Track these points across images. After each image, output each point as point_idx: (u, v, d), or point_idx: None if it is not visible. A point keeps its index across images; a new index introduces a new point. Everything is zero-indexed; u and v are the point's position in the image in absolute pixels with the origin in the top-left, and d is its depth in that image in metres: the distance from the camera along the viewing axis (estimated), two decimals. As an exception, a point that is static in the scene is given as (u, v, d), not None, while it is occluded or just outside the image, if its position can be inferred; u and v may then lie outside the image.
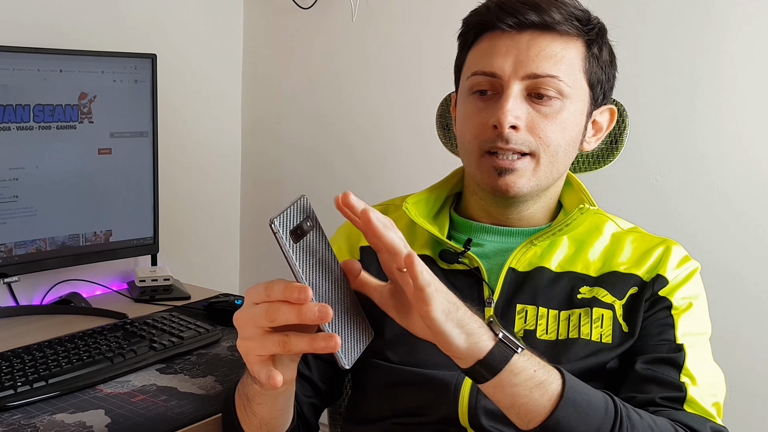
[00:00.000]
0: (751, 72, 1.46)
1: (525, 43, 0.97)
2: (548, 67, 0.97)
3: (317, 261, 0.71)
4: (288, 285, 0.69)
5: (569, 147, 1.01)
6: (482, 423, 0.93)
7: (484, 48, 1.00)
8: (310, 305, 0.68)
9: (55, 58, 1.48)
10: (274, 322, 0.70)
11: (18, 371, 1.15)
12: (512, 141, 0.97)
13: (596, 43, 1.01)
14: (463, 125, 1.03)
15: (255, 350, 0.73)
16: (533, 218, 1.06)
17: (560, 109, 0.98)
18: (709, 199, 1.52)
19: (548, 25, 0.97)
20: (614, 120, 1.08)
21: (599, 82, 1.03)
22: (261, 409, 0.87)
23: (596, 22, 1.02)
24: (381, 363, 1.01)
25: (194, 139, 1.97)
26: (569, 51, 0.99)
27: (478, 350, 0.76)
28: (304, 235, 0.69)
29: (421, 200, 1.09)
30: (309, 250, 0.70)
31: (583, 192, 1.06)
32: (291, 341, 0.70)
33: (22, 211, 1.46)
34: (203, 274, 1.99)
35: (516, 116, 0.96)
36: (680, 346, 0.95)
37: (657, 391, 0.92)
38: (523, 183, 0.99)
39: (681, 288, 1.00)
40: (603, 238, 1.05)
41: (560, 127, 0.98)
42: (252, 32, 2.08)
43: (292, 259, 0.68)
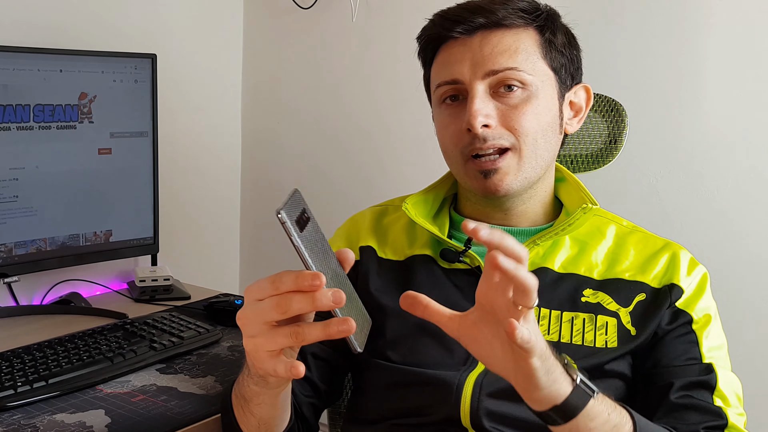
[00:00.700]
0: (751, 72, 1.46)
1: (477, 44, 1.00)
2: (504, 61, 0.98)
3: (319, 250, 0.71)
4: (300, 274, 0.69)
5: (547, 133, 1.01)
6: (484, 424, 0.93)
7: (443, 59, 1.03)
8: (323, 291, 0.68)
9: (55, 58, 1.48)
10: (286, 313, 0.70)
11: (18, 371, 1.15)
12: (489, 138, 0.98)
13: (548, 29, 1.03)
14: (441, 135, 1.05)
15: (264, 346, 0.72)
16: (532, 216, 1.06)
17: (527, 98, 0.99)
18: (709, 200, 1.52)
19: (495, 23, 0.99)
20: (591, 97, 1.09)
21: (562, 65, 1.04)
22: (260, 409, 0.87)
23: (543, 9, 1.04)
24: (382, 363, 1.01)
25: (194, 139, 1.97)
26: (522, 41, 1.00)
27: (557, 395, 0.76)
28: (305, 225, 0.70)
29: (420, 201, 1.10)
30: (311, 239, 0.70)
31: (583, 191, 1.06)
32: (304, 331, 0.70)
33: (22, 211, 1.46)
34: (203, 274, 1.99)
35: (485, 114, 0.98)
36: (710, 366, 0.96)
37: (698, 419, 0.93)
38: (510, 180, 1.00)
39: (699, 301, 1.00)
40: (606, 240, 1.05)
41: (532, 115, 0.99)
42: (252, 32, 2.08)
43: (301, 248, 0.68)
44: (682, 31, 1.51)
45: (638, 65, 1.56)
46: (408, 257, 1.07)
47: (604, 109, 1.27)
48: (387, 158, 1.90)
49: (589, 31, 1.58)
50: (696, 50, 1.51)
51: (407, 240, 1.09)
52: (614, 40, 1.58)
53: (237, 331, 1.44)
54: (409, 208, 1.06)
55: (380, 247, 1.10)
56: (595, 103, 1.28)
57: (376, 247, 1.10)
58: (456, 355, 0.98)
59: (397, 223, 1.10)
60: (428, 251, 1.06)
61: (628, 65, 1.57)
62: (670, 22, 1.52)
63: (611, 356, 0.96)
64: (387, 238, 1.11)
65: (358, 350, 0.71)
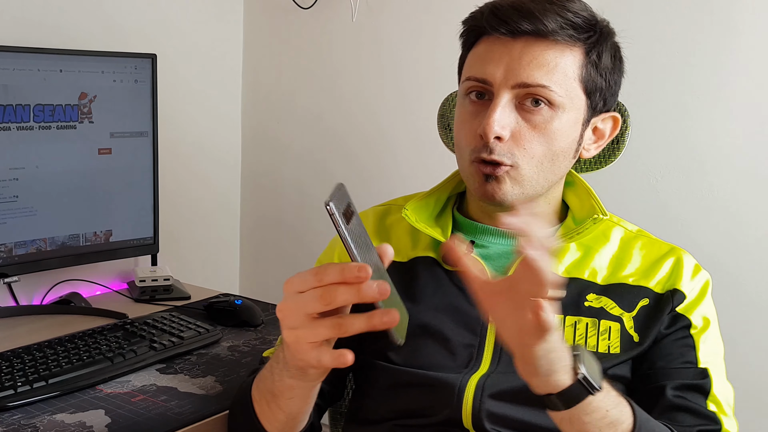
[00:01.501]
0: (751, 73, 1.46)
1: (518, 51, 0.95)
2: (539, 77, 0.95)
3: (364, 243, 0.72)
4: (346, 266, 0.69)
5: (558, 157, 0.99)
6: (485, 426, 0.93)
7: (481, 52, 0.99)
8: (369, 283, 0.68)
9: (55, 58, 1.48)
10: (330, 304, 0.70)
11: (18, 371, 1.15)
12: (496, 152, 0.96)
13: (596, 50, 0.98)
14: (458, 129, 1.03)
15: (306, 338, 0.72)
16: None
17: (550, 119, 0.96)
18: (710, 200, 1.52)
19: (542, 33, 0.95)
20: (617, 128, 1.06)
21: (598, 89, 1.00)
22: (291, 403, 0.87)
23: (600, 27, 0.99)
24: (384, 364, 1.01)
25: (194, 139, 1.97)
26: (564, 59, 0.96)
27: (555, 386, 0.77)
28: (350, 218, 0.71)
29: (421, 205, 1.08)
30: (356, 232, 0.71)
31: (594, 199, 1.04)
32: (347, 322, 0.70)
33: (22, 211, 1.46)
34: (203, 274, 1.99)
35: (502, 126, 0.95)
36: (705, 371, 0.96)
37: (693, 422, 0.93)
38: (506, 190, 0.98)
39: (699, 306, 1.00)
40: (611, 244, 1.04)
41: (547, 138, 0.97)
42: (252, 32, 2.08)
43: (348, 240, 0.69)
44: (683, 31, 1.51)
45: (638, 65, 1.55)
46: (411, 259, 1.07)
47: (605, 109, 1.26)
48: (387, 158, 1.90)
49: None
50: (696, 50, 1.51)
51: (410, 241, 1.08)
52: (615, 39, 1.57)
53: (237, 332, 1.44)
54: (409, 214, 1.05)
55: None
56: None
57: None
58: (458, 357, 0.98)
59: (400, 224, 1.09)
60: (431, 253, 1.06)
61: (629, 65, 1.56)
62: (671, 22, 1.52)
63: (614, 362, 0.96)
64: (390, 239, 1.10)
65: (400, 342, 0.72)
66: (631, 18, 1.56)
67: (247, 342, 1.39)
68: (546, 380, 0.77)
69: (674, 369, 0.96)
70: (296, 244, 2.06)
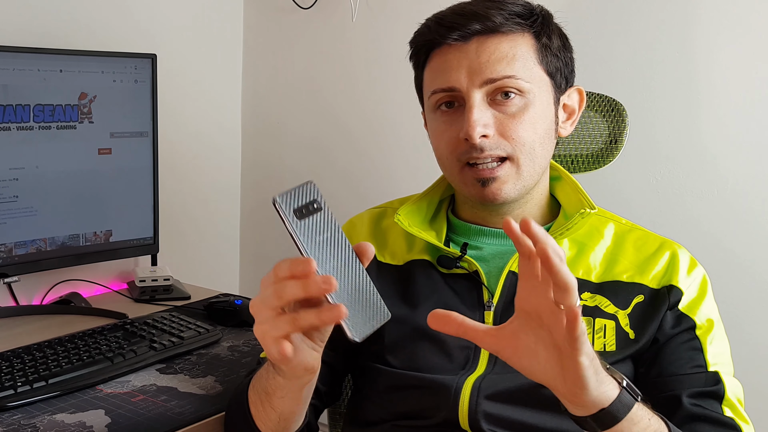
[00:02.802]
0: (753, 69, 1.46)
1: (474, 51, 0.98)
2: (502, 69, 0.97)
3: (324, 240, 0.72)
4: (293, 260, 0.71)
5: (545, 140, 1.01)
6: (482, 426, 0.93)
7: (437, 65, 1.01)
8: (314, 277, 0.69)
9: (55, 58, 1.48)
10: (282, 298, 0.71)
11: (18, 371, 1.15)
12: (487, 148, 0.97)
13: (544, 33, 1.01)
14: (437, 142, 1.04)
15: (269, 332, 0.74)
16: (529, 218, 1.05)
17: (525, 106, 0.98)
18: (710, 199, 1.52)
19: (491, 29, 0.98)
20: (584, 99, 1.08)
21: (557, 69, 1.03)
22: (282, 402, 0.87)
23: (539, 12, 1.02)
24: (382, 367, 1.01)
25: (194, 139, 1.97)
26: (519, 47, 0.99)
27: (605, 398, 0.75)
28: (309, 215, 0.72)
29: (413, 209, 1.09)
30: (316, 229, 0.72)
31: (582, 193, 1.05)
32: (300, 316, 0.72)
33: (22, 211, 1.46)
34: (203, 274, 1.99)
35: (484, 124, 0.96)
36: (716, 375, 0.96)
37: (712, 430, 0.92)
38: (509, 188, 0.99)
39: (701, 305, 1.00)
40: (604, 240, 1.05)
41: (529, 124, 0.98)
42: (252, 32, 2.08)
43: (294, 234, 0.71)
44: (683, 30, 1.51)
45: (639, 65, 1.56)
46: (407, 262, 1.07)
47: (605, 109, 1.27)
48: (387, 158, 1.90)
49: (589, 31, 1.59)
50: (697, 50, 1.51)
51: (406, 244, 1.08)
52: (614, 39, 1.58)
53: (237, 332, 1.44)
54: (401, 219, 1.06)
55: (380, 251, 1.09)
56: (596, 103, 1.28)
57: (375, 250, 1.09)
58: (455, 359, 0.98)
59: (395, 227, 1.09)
60: (426, 256, 1.06)
61: (629, 65, 1.57)
62: (671, 21, 1.52)
63: (610, 360, 0.96)
64: (386, 242, 1.10)
65: (355, 339, 0.72)
66: (632, 17, 1.56)
67: (247, 342, 1.39)
68: (597, 394, 0.74)
69: (686, 375, 0.96)
70: (296, 244, 2.05)
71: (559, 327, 0.70)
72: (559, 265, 0.67)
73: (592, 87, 1.32)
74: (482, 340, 0.76)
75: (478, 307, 1.01)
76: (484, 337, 0.75)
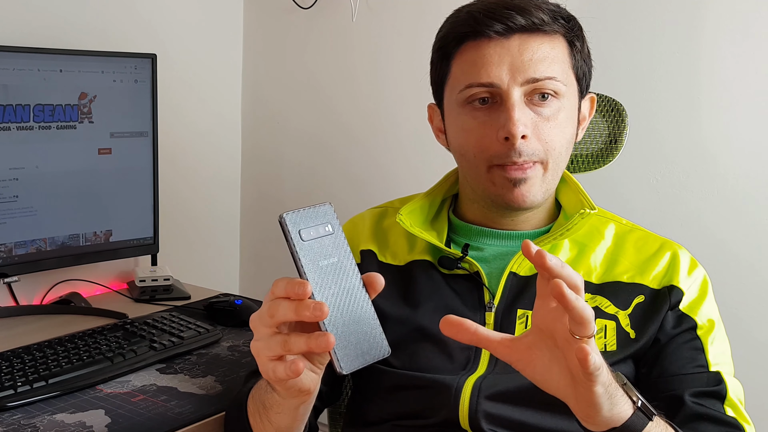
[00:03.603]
0: (754, 70, 1.46)
1: (516, 48, 0.96)
2: (544, 69, 0.96)
3: (329, 265, 0.71)
4: (290, 280, 0.69)
5: (569, 145, 1.01)
6: (483, 426, 0.93)
7: (473, 58, 0.98)
8: (306, 301, 0.68)
9: (55, 58, 1.48)
10: (273, 317, 0.70)
11: (18, 371, 1.15)
12: (524, 153, 0.95)
13: (576, 37, 1.01)
14: (463, 139, 1.00)
15: (263, 351, 0.73)
16: (534, 221, 1.06)
17: (559, 109, 0.98)
18: (710, 199, 1.52)
19: (536, 27, 0.96)
20: (594, 107, 1.08)
21: (584, 75, 1.03)
22: (279, 418, 0.86)
23: (572, 16, 1.02)
24: (382, 368, 1.01)
25: (194, 139, 1.97)
26: (557, 50, 0.98)
27: (618, 419, 0.75)
28: (317, 237, 0.70)
29: (415, 209, 1.08)
30: (320, 252, 0.70)
31: (582, 194, 1.05)
32: (291, 340, 0.70)
33: (22, 211, 1.46)
34: (203, 274, 1.99)
35: (524, 124, 0.95)
36: (718, 375, 0.96)
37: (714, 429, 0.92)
38: (536, 191, 0.98)
39: (702, 305, 1.00)
40: (605, 241, 1.04)
41: (561, 129, 0.98)
42: (252, 32, 2.08)
43: (296, 254, 0.69)
44: (683, 30, 1.51)
45: (639, 65, 1.56)
46: (408, 262, 1.07)
47: (604, 109, 1.27)
48: (387, 157, 1.90)
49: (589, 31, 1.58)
50: (697, 50, 1.51)
51: (407, 244, 1.08)
52: (614, 39, 1.58)
53: (237, 332, 1.44)
54: (403, 219, 1.05)
55: (381, 251, 1.09)
56: (596, 103, 1.27)
57: (376, 251, 1.09)
58: (456, 360, 0.98)
59: (396, 227, 1.09)
60: (428, 257, 1.05)
61: (629, 65, 1.57)
62: (671, 21, 1.52)
63: (611, 360, 0.96)
64: (387, 242, 1.10)
65: (341, 372, 0.70)
66: (632, 17, 1.56)
67: (247, 342, 1.39)
68: (609, 416, 0.74)
69: (688, 375, 0.96)
70: (296, 244, 2.05)
71: (572, 356, 0.69)
72: (575, 301, 0.66)
73: (593, 87, 1.31)
74: (496, 350, 0.75)
75: (479, 308, 1.00)
76: (498, 347, 0.75)
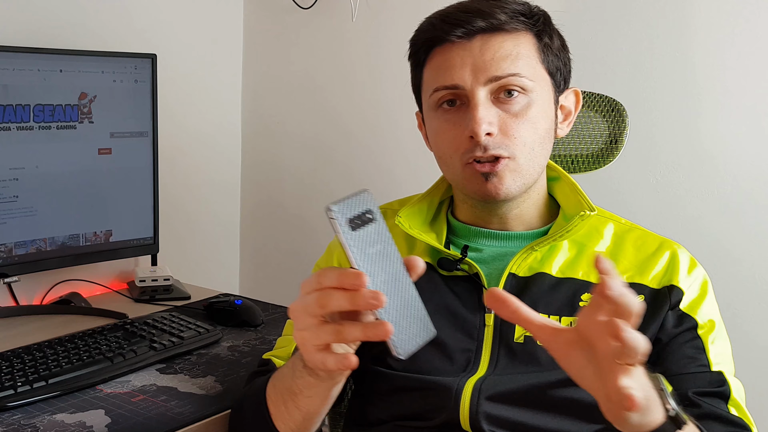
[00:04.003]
0: (754, 70, 1.46)
1: (478, 49, 0.98)
2: (507, 67, 0.97)
3: (376, 252, 0.71)
4: (343, 271, 0.70)
5: (544, 140, 1.01)
6: (483, 427, 0.93)
7: (439, 63, 1.00)
8: (363, 291, 0.68)
9: (55, 58, 1.48)
10: (325, 308, 0.70)
11: (18, 371, 1.15)
12: (490, 147, 0.97)
13: (545, 33, 1.02)
14: (438, 141, 1.03)
15: (310, 340, 0.73)
16: (527, 219, 1.05)
17: (528, 105, 0.98)
18: (711, 199, 1.52)
19: (496, 27, 0.98)
20: (580, 101, 1.08)
21: (557, 69, 1.03)
22: (309, 402, 0.87)
23: (538, 12, 1.03)
24: (383, 370, 1.01)
25: (194, 139, 1.97)
26: (522, 46, 0.99)
27: (647, 425, 0.74)
28: (362, 226, 0.70)
29: (414, 211, 1.08)
30: (367, 240, 0.70)
31: (581, 195, 1.05)
32: (345, 329, 0.71)
33: (22, 211, 1.46)
34: (203, 274, 1.99)
35: (489, 122, 0.96)
36: (721, 374, 0.96)
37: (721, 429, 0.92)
38: (509, 184, 0.98)
39: (702, 304, 1.00)
40: (604, 241, 1.04)
41: (531, 124, 0.98)
42: (252, 32, 2.08)
43: (346, 246, 0.69)
44: (683, 30, 1.51)
45: (638, 65, 1.56)
46: None
47: (605, 109, 1.27)
48: (387, 158, 1.90)
49: (589, 31, 1.59)
50: (698, 49, 1.51)
51: (407, 246, 1.08)
52: (614, 39, 1.58)
53: (237, 332, 1.44)
54: (402, 221, 1.05)
55: None
56: (595, 103, 1.28)
57: None
58: (456, 362, 0.98)
59: (396, 228, 1.08)
60: (427, 258, 1.05)
61: (628, 65, 1.57)
62: (671, 21, 1.52)
63: None
64: None
65: (400, 356, 0.71)
66: (632, 17, 1.56)
67: (247, 342, 1.39)
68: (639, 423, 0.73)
69: (690, 374, 0.96)
70: (296, 244, 2.06)
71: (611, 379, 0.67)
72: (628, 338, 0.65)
73: (592, 87, 1.32)
74: (536, 334, 0.74)
75: (478, 309, 1.00)
76: (538, 331, 0.73)
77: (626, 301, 0.66)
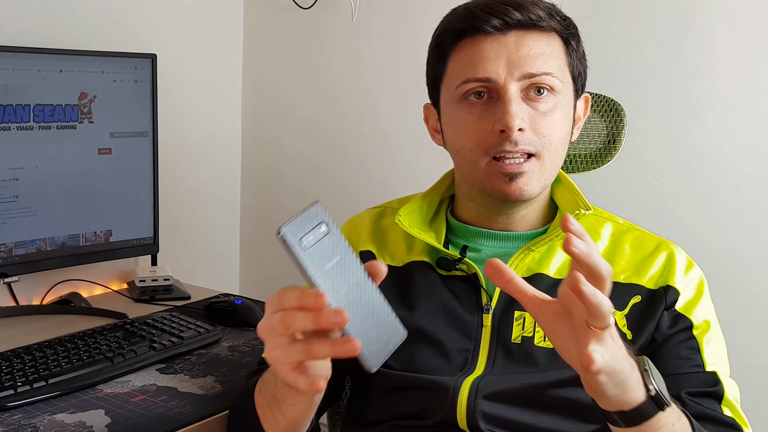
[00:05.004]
0: (752, 72, 1.46)
1: (513, 44, 0.97)
2: (541, 65, 0.97)
3: (334, 265, 0.69)
4: (302, 292, 0.68)
5: (565, 142, 1.01)
6: (480, 426, 0.93)
7: (470, 54, 0.99)
8: (326, 311, 0.67)
9: (55, 58, 1.48)
10: (290, 329, 0.69)
11: (18, 371, 1.15)
12: (520, 143, 0.96)
13: (573, 37, 1.02)
14: (460, 133, 1.01)
15: (282, 359, 0.72)
16: (531, 220, 1.05)
17: (555, 105, 0.98)
18: (709, 200, 1.52)
19: (533, 23, 0.97)
20: (588, 107, 1.09)
21: (579, 75, 1.03)
22: (293, 409, 0.86)
23: (567, 16, 1.03)
24: (381, 369, 1.01)
25: (194, 139, 1.97)
26: (553, 47, 0.99)
27: (626, 403, 0.75)
28: (317, 241, 0.68)
29: (414, 210, 1.08)
30: (324, 255, 0.68)
31: (577, 194, 1.05)
32: (314, 348, 0.69)
33: (22, 211, 1.46)
34: (203, 274, 1.99)
35: (521, 117, 0.96)
36: (714, 375, 0.96)
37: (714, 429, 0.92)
38: (533, 185, 0.98)
39: (698, 305, 1.00)
40: (602, 241, 1.04)
41: (557, 124, 0.99)
42: (252, 32, 2.08)
43: (304, 266, 0.67)
44: (683, 30, 1.51)
45: (637, 65, 1.56)
46: (406, 263, 1.06)
47: (603, 109, 1.27)
48: (387, 157, 1.90)
49: (588, 31, 1.58)
50: (696, 50, 1.51)
51: (406, 246, 1.08)
52: (613, 39, 1.58)
53: (237, 332, 1.45)
54: (402, 220, 1.05)
55: (379, 252, 1.09)
56: (595, 103, 1.28)
57: (375, 251, 1.09)
58: (453, 361, 0.98)
59: (395, 227, 1.09)
60: (426, 258, 1.05)
61: (627, 65, 1.57)
62: (671, 21, 1.52)
63: None
64: (386, 243, 1.10)
65: (371, 370, 0.70)
66: (631, 17, 1.56)
67: (247, 342, 1.39)
68: (617, 400, 0.75)
69: (684, 375, 0.96)
70: (296, 243, 2.05)
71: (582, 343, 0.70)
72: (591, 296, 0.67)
73: (591, 87, 1.31)
74: (527, 305, 0.75)
75: (476, 309, 1.01)
76: (528, 302, 0.75)
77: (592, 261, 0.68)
